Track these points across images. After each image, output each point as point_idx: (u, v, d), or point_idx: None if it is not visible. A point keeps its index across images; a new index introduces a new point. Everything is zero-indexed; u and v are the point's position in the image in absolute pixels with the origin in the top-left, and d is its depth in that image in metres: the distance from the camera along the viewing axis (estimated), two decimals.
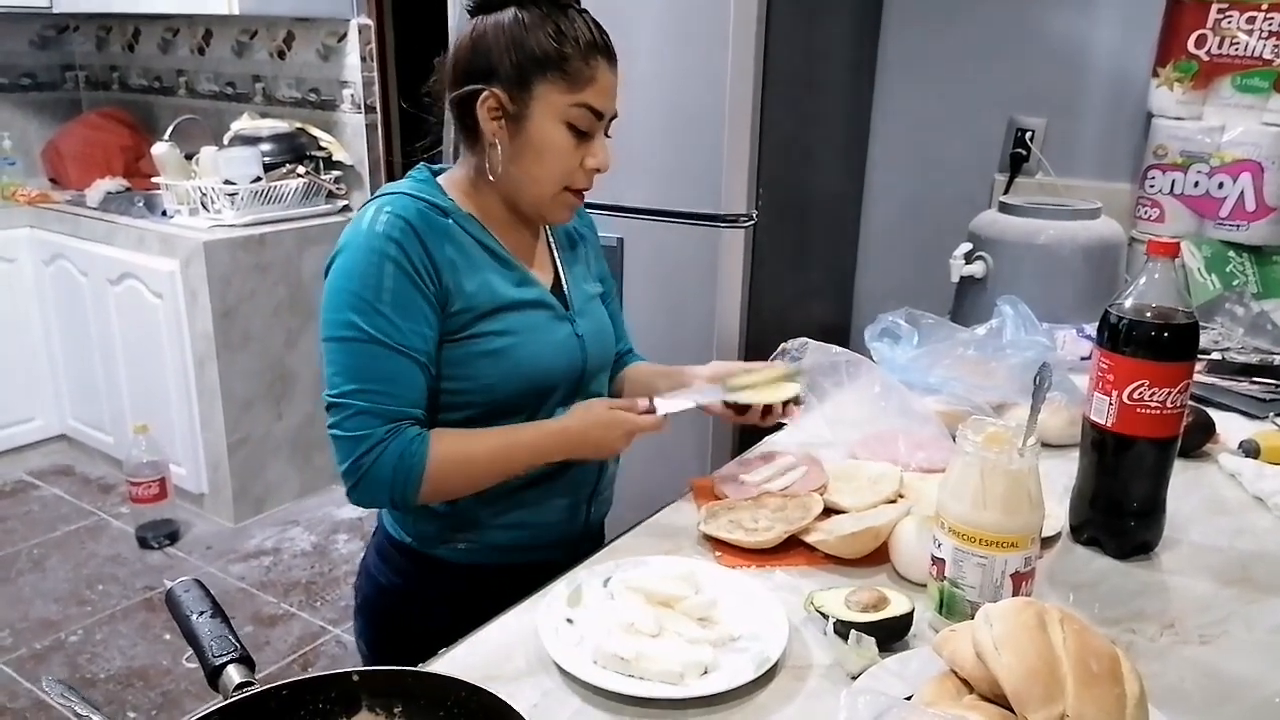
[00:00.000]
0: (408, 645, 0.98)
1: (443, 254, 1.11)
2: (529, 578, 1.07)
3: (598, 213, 2.23)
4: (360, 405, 1.07)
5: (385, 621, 1.28)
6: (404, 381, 1.09)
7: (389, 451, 1.07)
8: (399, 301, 1.07)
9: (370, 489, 1.09)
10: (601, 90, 1.13)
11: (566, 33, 1.10)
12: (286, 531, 3.17)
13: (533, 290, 1.20)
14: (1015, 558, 0.91)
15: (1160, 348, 1.05)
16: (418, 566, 1.24)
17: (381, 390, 1.08)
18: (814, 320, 2.59)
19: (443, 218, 1.13)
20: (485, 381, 1.14)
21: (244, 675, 0.76)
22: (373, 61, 3.33)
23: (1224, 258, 2.10)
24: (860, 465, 1.30)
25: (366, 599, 1.30)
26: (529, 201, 1.18)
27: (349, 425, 1.08)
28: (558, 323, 1.21)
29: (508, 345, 1.15)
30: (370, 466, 1.07)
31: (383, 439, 1.07)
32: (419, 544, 1.23)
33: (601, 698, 0.86)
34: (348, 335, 1.08)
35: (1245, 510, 1.26)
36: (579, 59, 1.10)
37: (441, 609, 1.18)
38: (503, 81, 1.11)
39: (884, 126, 2.69)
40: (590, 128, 1.14)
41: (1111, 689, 0.70)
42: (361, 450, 1.07)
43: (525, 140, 1.13)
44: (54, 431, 3.65)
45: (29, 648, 2.53)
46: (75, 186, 3.62)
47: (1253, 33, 2.04)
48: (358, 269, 1.08)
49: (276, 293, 3.15)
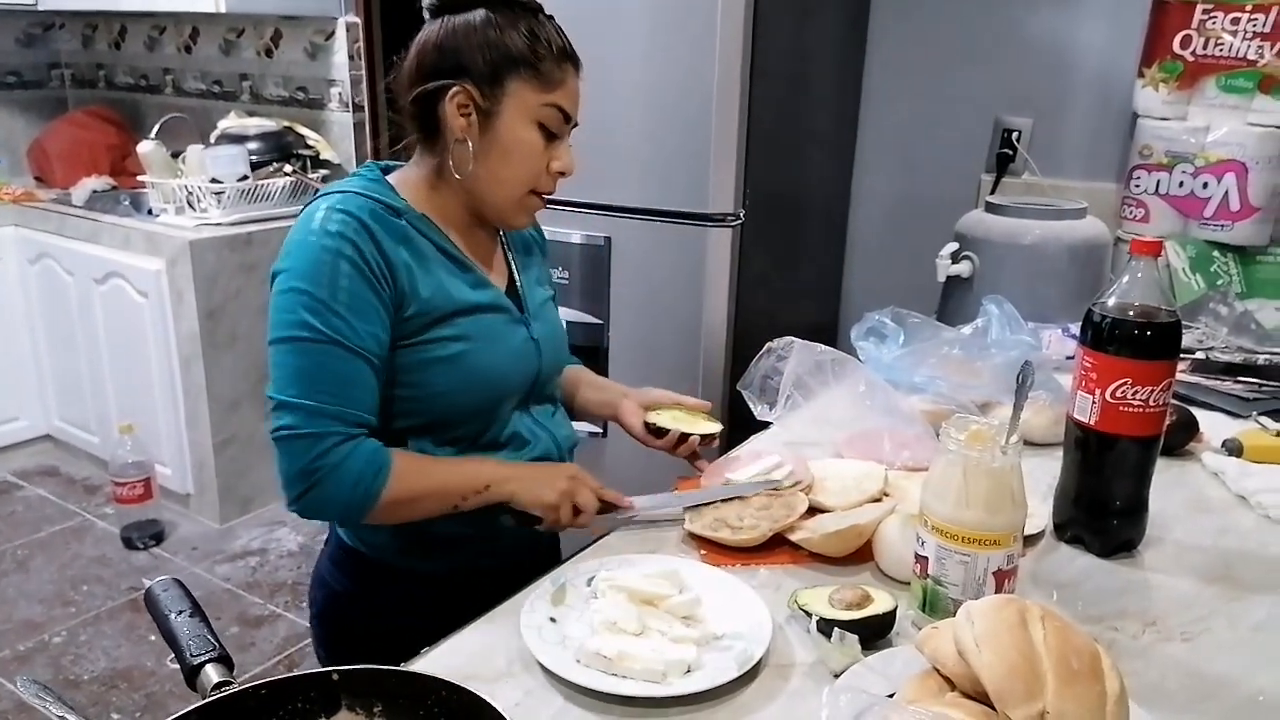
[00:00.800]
0: (363, 651, 0.94)
1: (397, 255, 1.08)
2: (483, 584, 1.06)
3: (585, 212, 2.24)
4: (314, 405, 1.02)
5: (340, 628, 1.26)
6: (360, 385, 1.05)
7: (353, 459, 1.03)
8: (354, 303, 1.04)
9: (323, 497, 1.03)
10: (570, 94, 1.14)
11: (540, 35, 1.11)
12: (273, 532, 3.15)
13: (488, 293, 1.17)
14: (998, 555, 0.91)
15: (1143, 346, 1.05)
16: (371, 572, 1.21)
17: (338, 394, 1.03)
18: (801, 319, 2.59)
19: (395, 218, 1.10)
20: (439, 389, 1.11)
21: (222, 674, 0.75)
22: (360, 60, 3.32)
23: (1208, 258, 2.11)
24: (845, 464, 1.30)
25: (322, 608, 1.27)
26: (493, 203, 1.16)
27: (305, 425, 1.02)
28: (514, 326, 1.19)
29: (463, 351, 1.12)
30: (327, 473, 1.02)
31: (341, 443, 1.03)
32: (370, 551, 1.21)
33: (584, 696, 0.86)
34: (302, 336, 1.03)
35: (1228, 509, 1.26)
36: (551, 61, 1.11)
37: (394, 614, 1.18)
38: (474, 78, 1.09)
39: (871, 126, 2.69)
40: (559, 129, 1.14)
41: (1092, 686, 0.70)
42: (317, 452, 1.02)
43: (494, 138, 1.11)
44: (39, 431, 3.62)
45: (12, 649, 2.51)
46: (61, 185, 3.59)
47: (1237, 33, 2.05)
48: (310, 269, 1.04)
49: (263, 292, 3.08)
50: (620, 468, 2.30)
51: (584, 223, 2.26)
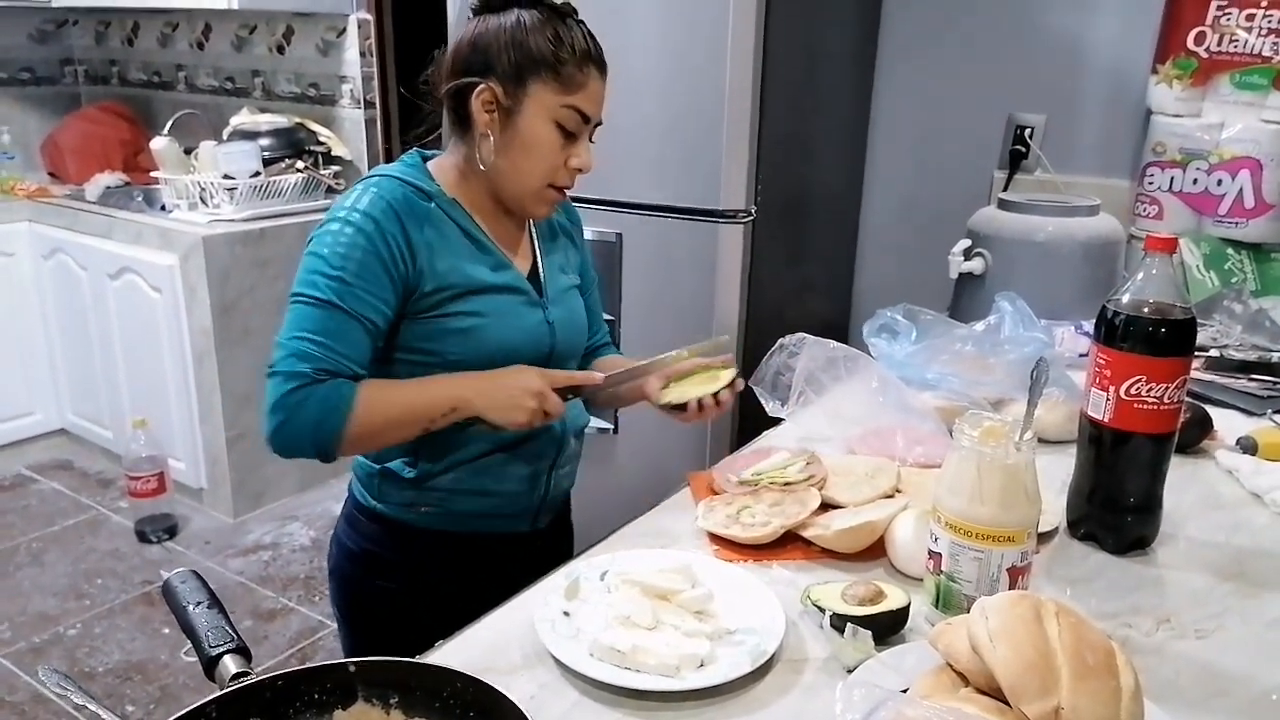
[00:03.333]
0: (377, 608, 1.10)
1: (420, 236, 1.15)
2: (491, 546, 1.13)
3: (597, 208, 2.24)
4: (301, 349, 1.10)
5: (353, 586, 1.33)
6: (349, 340, 1.12)
7: (315, 396, 1.09)
8: (363, 273, 1.11)
9: (289, 431, 1.10)
10: (591, 97, 1.19)
11: (564, 39, 1.16)
12: (285, 526, 3.17)
13: (507, 275, 1.23)
14: (1012, 552, 0.92)
15: (1157, 343, 1.05)
16: (384, 531, 1.27)
17: (325, 343, 1.10)
18: (813, 316, 2.59)
19: (425, 201, 1.18)
20: (450, 357, 1.18)
21: (240, 665, 0.76)
22: (372, 56, 3.33)
23: (1222, 255, 2.10)
24: (857, 460, 1.30)
25: (338, 564, 1.34)
26: (511, 193, 1.22)
27: (284, 364, 1.10)
28: (529, 308, 1.25)
29: (476, 325, 1.19)
30: (293, 409, 1.09)
31: (314, 380, 1.09)
32: (386, 509, 1.26)
33: (598, 690, 0.87)
34: (307, 296, 1.11)
35: (1242, 506, 1.26)
36: (573, 65, 1.16)
37: (404, 573, 1.26)
38: (499, 77, 1.16)
39: (883, 122, 2.69)
40: (577, 129, 1.19)
41: (1107, 682, 0.70)
42: (290, 387, 1.09)
43: (514, 134, 1.18)
44: (53, 426, 3.65)
45: (28, 641, 2.53)
46: (74, 181, 3.61)
47: (1252, 30, 2.04)
48: (331, 240, 1.13)
49: (275, 287, 3.14)
50: (631, 463, 2.31)
51: (595, 219, 2.26)
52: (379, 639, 1.23)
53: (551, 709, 0.85)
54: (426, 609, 1.17)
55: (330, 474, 3.42)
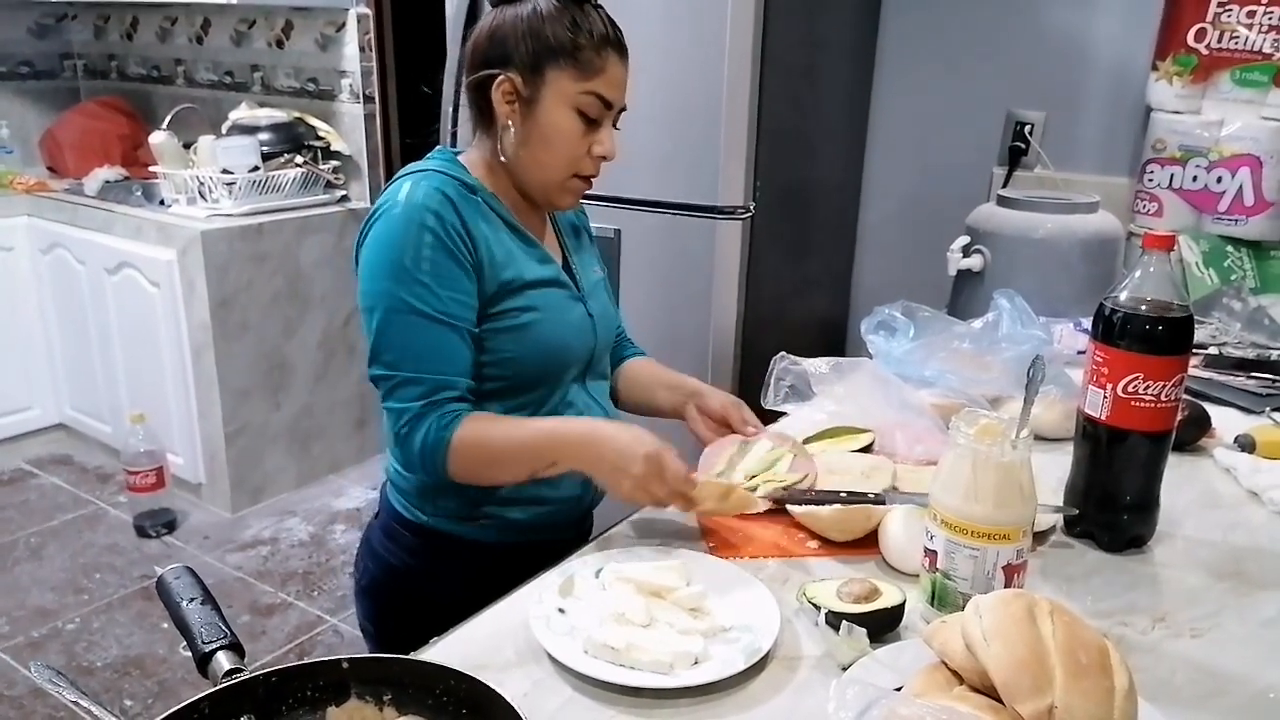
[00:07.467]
0: (419, 624, 0.97)
1: (478, 228, 1.14)
2: (540, 558, 1.08)
3: (594, 204, 2.24)
4: (401, 376, 1.10)
5: (395, 601, 1.28)
6: (445, 352, 1.11)
7: (420, 429, 1.10)
8: (438, 270, 1.10)
9: (411, 461, 1.12)
10: (611, 81, 1.17)
11: (581, 25, 1.14)
12: (284, 521, 3.17)
13: (551, 268, 1.23)
14: (1007, 550, 0.91)
15: (1155, 341, 1.05)
16: (431, 545, 1.24)
17: (422, 361, 1.10)
18: (811, 312, 2.59)
19: (472, 194, 1.17)
20: (506, 355, 1.17)
21: (233, 662, 0.76)
22: (371, 51, 3.32)
23: (1222, 252, 2.10)
24: (853, 456, 1.30)
25: (374, 580, 1.29)
26: (536, 185, 1.21)
27: (391, 398, 1.11)
28: (573, 302, 1.24)
29: (531, 321, 1.17)
30: (404, 439, 1.11)
31: (419, 413, 1.10)
32: (434, 522, 1.23)
33: (592, 687, 0.87)
34: (388, 305, 1.10)
35: (1239, 505, 1.26)
36: (591, 50, 1.15)
37: (454, 586, 1.18)
38: (517, 67, 1.15)
39: (882, 119, 2.68)
40: (599, 116, 1.18)
41: (1100, 681, 0.70)
42: (401, 422, 1.11)
43: (535, 124, 1.16)
44: (51, 420, 3.64)
45: (26, 636, 2.53)
46: (73, 175, 3.60)
47: (1253, 26, 2.04)
48: (395, 237, 1.10)
49: (274, 282, 3.14)
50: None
51: (594, 215, 2.21)
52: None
53: (545, 706, 0.85)
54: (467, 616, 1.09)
55: (329, 469, 3.43)
